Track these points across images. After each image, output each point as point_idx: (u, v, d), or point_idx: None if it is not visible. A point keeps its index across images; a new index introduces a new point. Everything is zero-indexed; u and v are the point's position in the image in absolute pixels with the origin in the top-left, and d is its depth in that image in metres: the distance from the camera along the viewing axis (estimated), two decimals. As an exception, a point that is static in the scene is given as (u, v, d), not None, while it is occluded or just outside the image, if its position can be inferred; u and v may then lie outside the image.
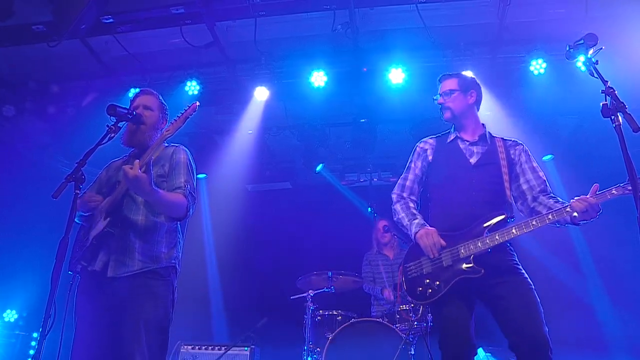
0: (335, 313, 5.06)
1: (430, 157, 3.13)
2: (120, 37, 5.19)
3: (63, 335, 2.51)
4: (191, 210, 2.85)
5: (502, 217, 2.76)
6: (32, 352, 6.07)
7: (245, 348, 4.92)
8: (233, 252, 7.50)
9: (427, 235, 2.82)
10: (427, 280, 2.79)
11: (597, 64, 2.24)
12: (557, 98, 5.54)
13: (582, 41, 2.30)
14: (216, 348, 4.89)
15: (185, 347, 4.94)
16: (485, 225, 2.76)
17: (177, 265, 2.88)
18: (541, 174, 2.98)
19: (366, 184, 7.19)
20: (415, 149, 3.22)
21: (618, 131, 2.05)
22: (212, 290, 6.95)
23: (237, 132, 6.30)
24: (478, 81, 3.25)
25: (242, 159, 6.67)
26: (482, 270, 2.67)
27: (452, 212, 2.89)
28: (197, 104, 2.84)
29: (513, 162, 3.01)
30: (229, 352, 4.80)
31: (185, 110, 2.80)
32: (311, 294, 5.04)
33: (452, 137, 3.13)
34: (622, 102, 2.05)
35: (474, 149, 3.03)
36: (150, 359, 2.58)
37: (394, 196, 3.19)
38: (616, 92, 2.08)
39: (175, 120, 2.78)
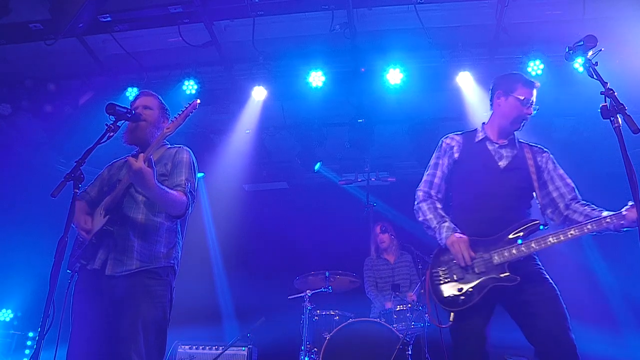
0: (332, 313, 5.06)
1: (456, 155, 3.00)
2: (118, 36, 5.17)
3: (60, 334, 2.50)
4: (190, 208, 2.86)
5: (536, 223, 2.71)
6: (27, 351, 6.05)
7: (243, 348, 4.92)
8: (230, 251, 7.50)
9: (458, 242, 2.72)
10: (459, 287, 2.70)
11: (596, 65, 2.24)
12: (554, 99, 5.55)
13: (581, 42, 2.30)
14: (213, 348, 4.89)
15: (183, 347, 4.93)
16: (518, 232, 2.70)
17: (176, 266, 2.88)
18: (569, 181, 2.91)
19: (363, 184, 7.18)
20: (441, 144, 3.09)
21: (618, 133, 2.05)
22: (209, 290, 6.93)
23: (234, 131, 6.28)
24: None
25: (239, 159, 6.66)
26: (518, 279, 2.61)
27: (481, 216, 2.80)
28: (198, 101, 2.84)
29: (541, 169, 2.93)
30: (226, 352, 4.79)
31: (186, 108, 2.80)
32: (309, 294, 5.04)
33: (480, 136, 3.02)
34: (622, 104, 2.06)
35: (503, 152, 2.93)
36: (147, 358, 2.58)
37: (420, 193, 3.03)
38: (616, 93, 2.08)
39: (176, 118, 2.78)
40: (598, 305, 6.04)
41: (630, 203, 2.49)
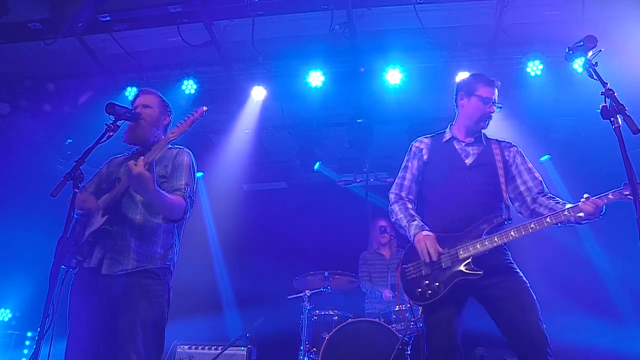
0: (331, 313, 5.06)
1: (425, 157, 3.12)
2: (117, 35, 5.17)
3: (54, 332, 2.49)
4: (189, 213, 2.86)
5: (501, 217, 2.77)
6: (26, 351, 6.04)
7: (242, 348, 4.91)
8: (229, 251, 7.50)
9: (424, 239, 2.82)
10: (427, 282, 2.79)
11: (596, 65, 2.25)
12: (553, 99, 5.56)
13: (581, 43, 2.31)
14: (212, 348, 4.88)
15: (182, 347, 4.92)
16: (482, 227, 2.77)
17: (172, 268, 2.88)
18: (537, 174, 2.99)
19: (362, 184, 7.19)
20: (411, 148, 3.22)
21: (617, 133, 2.05)
22: (208, 290, 6.93)
23: (233, 131, 6.28)
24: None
25: (238, 159, 6.66)
26: (482, 272, 2.69)
27: (448, 213, 2.90)
28: (205, 108, 2.85)
29: (508, 163, 3.01)
30: (225, 352, 4.78)
31: (192, 115, 2.81)
32: (308, 294, 5.04)
33: (447, 136, 3.13)
34: (622, 104, 2.06)
35: (470, 149, 3.03)
36: (146, 358, 2.58)
37: (392, 196, 3.17)
38: (616, 94, 2.09)
39: (181, 124, 2.78)
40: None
41: (585, 195, 2.59)
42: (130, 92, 5.58)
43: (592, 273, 6.23)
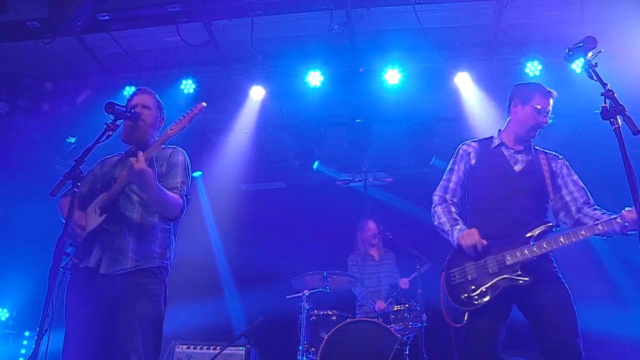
0: (330, 313, 5.07)
1: (473, 161, 3.10)
2: (116, 35, 5.15)
3: (50, 332, 2.48)
4: (185, 211, 2.86)
5: (549, 224, 2.78)
6: (23, 350, 6.03)
7: (241, 348, 4.91)
8: (227, 251, 7.50)
9: (468, 235, 2.80)
10: (473, 287, 2.77)
11: (596, 66, 2.25)
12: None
13: (581, 44, 2.31)
14: (211, 347, 4.88)
15: (180, 346, 4.92)
16: (530, 233, 2.77)
17: (169, 267, 2.89)
18: (583, 186, 3.00)
19: (361, 184, 7.19)
20: (458, 151, 3.19)
21: (617, 134, 2.06)
22: (206, 290, 6.92)
23: (232, 131, 6.27)
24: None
25: (237, 158, 6.65)
26: (530, 279, 2.67)
27: (495, 218, 2.88)
28: (204, 104, 2.84)
29: (555, 174, 3.02)
30: (224, 351, 4.78)
31: (192, 110, 2.81)
32: (306, 294, 5.04)
33: (496, 142, 3.11)
34: (622, 105, 2.07)
35: (519, 157, 3.03)
36: (145, 357, 2.58)
37: (435, 197, 3.13)
38: (615, 94, 2.09)
39: (181, 120, 2.78)
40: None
41: (627, 208, 2.57)
42: (129, 91, 5.56)
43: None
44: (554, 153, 3.15)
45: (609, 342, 5.51)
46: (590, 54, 2.31)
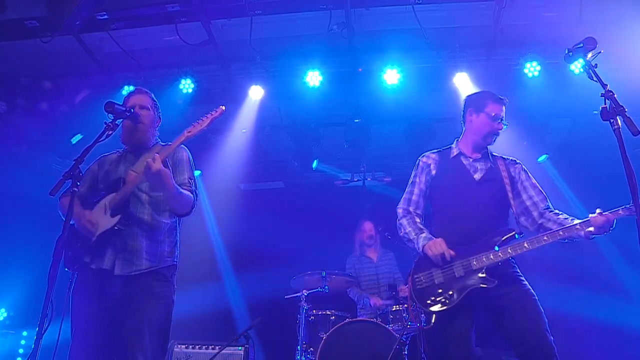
0: (328, 313, 5.06)
1: (433, 172, 3.19)
2: (114, 34, 5.14)
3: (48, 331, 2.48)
4: (195, 206, 2.92)
5: (512, 232, 2.87)
6: (21, 350, 6.01)
7: (239, 347, 4.90)
8: (226, 251, 7.49)
9: (435, 245, 2.89)
10: (440, 290, 2.86)
11: (596, 67, 2.26)
12: (551, 100, 5.58)
13: (581, 45, 2.32)
14: (210, 347, 4.86)
15: (179, 346, 4.90)
16: (495, 239, 2.85)
17: (177, 264, 2.95)
18: (541, 190, 3.08)
19: (359, 184, 7.20)
20: (418, 163, 3.28)
21: (617, 134, 2.07)
22: (205, 290, 6.90)
23: (230, 130, 6.27)
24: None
25: (236, 158, 6.65)
26: (496, 281, 2.76)
27: (458, 225, 2.96)
28: (223, 108, 2.86)
29: (514, 179, 3.10)
30: (222, 351, 4.77)
31: (212, 114, 2.83)
32: (305, 294, 5.04)
33: (455, 152, 3.19)
34: (622, 106, 2.07)
35: (477, 165, 3.11)
36: (152, 358, 2.59)
37: (399, 211, 3.23)
38: (615, 95, 2.10)
39: (199, 122, 2.81)
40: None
41: (597, 210, 2.67)
42: (128, 90, 5.54)
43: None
44: (511, 158, 3.22)
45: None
46: (590, 55, 2.32)
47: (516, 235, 2.87)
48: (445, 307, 2.81)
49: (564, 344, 2.80)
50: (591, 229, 2.66)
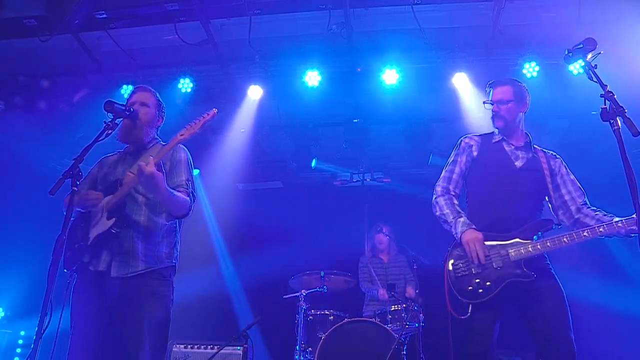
0: (327, 313, 5.07)
1: (475, 153, 3.15)
2: (113, 33, 5.13)
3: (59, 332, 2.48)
4: (192, 208, 2.89)
5: (551, 221, 2.86)
6: (19, 350, 6.00)
7: (238, 347, 4.89)
8: (225, 251, 7.48)
9: (473, 241, 2.85)
10: (477, 280, 2.82)
11: (596, 68, 2.26)
12: (549, 101, 5.59)
13: (581, 45, 2.32)
14: (209, 347, 4.86)
15: (178, 346, 4.90)
16: (533, 230, 2.83)
17: (176, 265, 2.92)
18: (580, 186, 3.07)
19: (358, 184, 7.20)
20: (460, 143, 3.23)
21: (617, 135, 2.07)
22: (203, 290, 6.89)
23: (229, 130, 6.26)
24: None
25: (234, 158, 6.64)
26: (534, 275, 2.74)
27: (495, 211, 2.94)
28: (215, 111, 2.84)
29: (554, 172, 3.08)
30: (221, 351, 4.77)
31: (204, 117, 2.81)
32: (303, 294, 5.04)
33: (497, 138, 3.16)
34: (622, 107, 2.07)
35: (519, 153, 3.09)
36: (152, 358, 2.59)
37: (438, 188, 3.16)
38: (615, 96, 2.10)
39: (192, 125, 2.78)
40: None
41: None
42: (126, 90, 5.54)
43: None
44: (551, 152, 3.21)
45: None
46: (590, 56, 2.32)
47: (554, 226, 2.86)
48: (482, 299, 2.77)
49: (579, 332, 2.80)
50: (634, 226, 2.62)
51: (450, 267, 2.93)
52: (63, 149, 6.32)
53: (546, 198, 3.04)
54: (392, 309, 4.95)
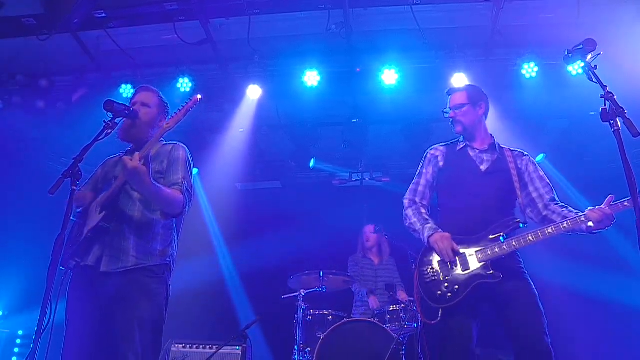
0: (326, 313, 5.05)
1: (441, 163, 3.20)
2: (112, 32, 5.12)
3: (52, 331, 2.46)
4: (187, 207, 2.84)
5: (517, 222, 2.84)
6: (17, 349, 5.99)
7: (237, 347, 4.89)
8: (223, 250, 7.48)
9: (441, 240, 2.89)
10: (446, 284, 2.85)
11: (595, 69, 2.26)
12: (547, 101, 5.60)
13: (581, 46, 2.32)
14: (207, 347, 4.85)
15: (176, 345, 4.89)
16: (499, 230, 2.84)
17: (172, 264, 2.85)
18: (548, 182, 3.07)
19: (357, 184, 7.20)
20: (426, 155, 3.30)
21: (617, 136, 2.07)
22: (202, 289, 6.90)
23: (228, 130, 6.26)
24: (484, 91, 3.32)
25: (233, 157, 6.63)
26: (501, 276, 2.75)
27: (464, 217, 2.97)
28: (199, 97, 2.84)
29: (521, 171, 3.09)
30: (220, 351, 4.77)
31: (187, 103, 2.80)
32: (302, 294, 5.04)
33: (461, 145, 3.21)
34: (622, 107, 2.08)
35: (484, 156, 3.11)
36: (143, 358, 2.56)
37: (405, 201, 3.24)
38: (615, 96, 2.10)
39: (176, 114, 2.77)
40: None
41: (590, 208, 2.68)
42: (125, 89, 5.54)
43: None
44: (519, 150, 3.22)
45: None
46: (589, 57, 2.32)
47: (520, 225, 2.85)
48: (451, 303, 2.80)
49: (556, 318, 2.80)
50: (590, 223, 2.65)
51: (419, 274, 2.98)
52: (62, 148, 6.31)
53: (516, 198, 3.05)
54: (391, 309, 4.95)
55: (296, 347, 4.80)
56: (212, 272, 7.34)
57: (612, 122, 2.09)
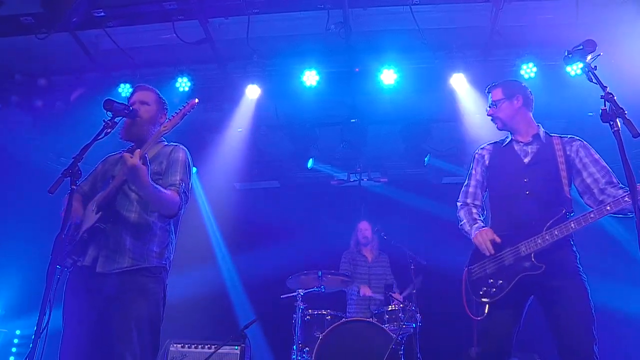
0: (324, 312, 5.06)
1: (487, 162, 3.23)
2: (111, 31, 5.11)
3: (47, 331, 2.45)
4: (183, 209, 2.83)
5: (562, 211, 2.81)
6: (14, 349, 5.97)
7: (236, 347, 4.89)
8: (222, 250, 7.47)
9: (481, 234, 2.93)
10: (491, 280, 2.86)
11: (595, 69, 2.27)
12: (546, 102, 5.60)
13: (580, 47, 2.33)
14: (206, 347, 4.85)
15: (175, 345, 4.88)
16: (543, 222, 2.81)
17: (168, 266, 2.85)
18: (604, 164, 2.95)
19: (356, 184, 7.20)
20: (474, 156, 3.33)
21: (617, 136, 2.07)
22: (201, 289, 6.89)
23: (226, 129, 6.26)
24: (524, 84, 3.31)
25: (231, 157, 6.63)
26: (543, 266, 2.72)
27: (509, 211, 2.98)
28: (196, 100, 2.82)
29: (570, 157, 3.01)
30: (219, 350, 4.76)
31: (184, 107, 2.78)
32: (301, 293, 5.04)
33: (507, 140, 3.22)
34: (622, 108, 2.08)
35: (528, 148, 3.10)
36: (141, 358, 2.55)
37: (458, 204, 3.28)
38: (615, 97, 2.11)
39: (173, 117, 2.76)
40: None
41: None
42: (124, 88, 5.53)
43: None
44: (569, 136, 3.13)
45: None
46: (589, 57, 2.32)
47: (567, 215, 2.81)
48: (496, 297, 2.81)
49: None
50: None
51: (468, 272, 3.02)
52: (61, 147, 6.29)
53: (572, 185, 2.98)
54: (390, 308, 4.96)
55: (295, 346, 4.80)
56: (211, 272, 7.33)
57: (612, 122, 2.09)
